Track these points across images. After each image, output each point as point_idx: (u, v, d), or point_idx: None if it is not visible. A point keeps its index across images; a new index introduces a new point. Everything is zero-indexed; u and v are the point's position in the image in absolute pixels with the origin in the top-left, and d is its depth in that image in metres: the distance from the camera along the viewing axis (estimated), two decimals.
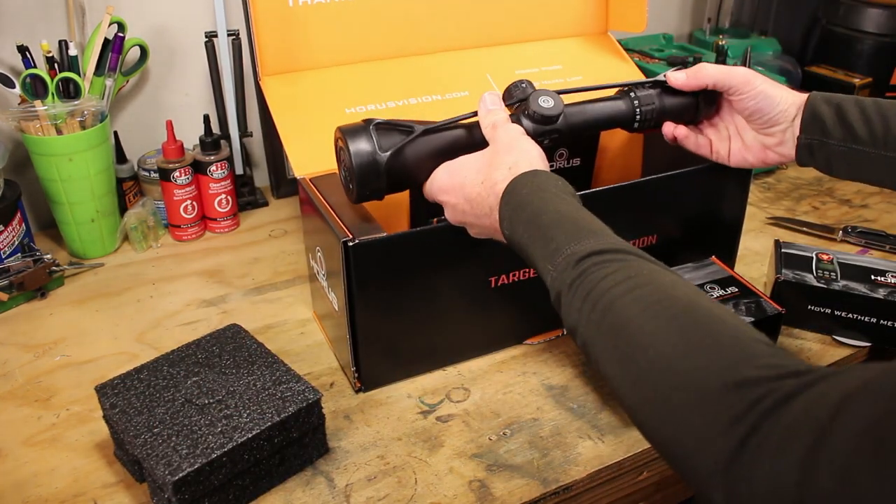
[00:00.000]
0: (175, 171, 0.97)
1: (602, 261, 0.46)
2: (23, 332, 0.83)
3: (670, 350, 0.40)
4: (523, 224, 0.53)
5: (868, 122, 0.63)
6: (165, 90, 1.07)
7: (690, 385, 0.38)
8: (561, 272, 0.48)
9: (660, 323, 0.41)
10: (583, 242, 0.48)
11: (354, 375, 0.72)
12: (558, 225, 0.50)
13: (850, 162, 0.65)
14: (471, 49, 0.93)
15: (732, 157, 0.73)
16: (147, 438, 0.58)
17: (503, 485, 0.63)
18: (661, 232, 0.81)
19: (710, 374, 0.37)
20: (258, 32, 0.81)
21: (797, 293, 0.79)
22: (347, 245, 0.64)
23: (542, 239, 0.51)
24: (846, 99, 0.65)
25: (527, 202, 0.53)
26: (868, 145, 0.63)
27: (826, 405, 0.32)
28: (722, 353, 0.38)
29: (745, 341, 0.39)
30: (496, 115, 0.63)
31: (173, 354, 0.67)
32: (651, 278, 0.44)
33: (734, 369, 0.37)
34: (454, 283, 0.71)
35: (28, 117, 0.88)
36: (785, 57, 1.29)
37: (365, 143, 0.62)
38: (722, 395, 0.36)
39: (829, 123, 0.65)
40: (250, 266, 0.95)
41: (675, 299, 0.42)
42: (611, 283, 0.44)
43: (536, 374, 0.75)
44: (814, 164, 0.68)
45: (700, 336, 0.39)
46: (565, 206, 0.52)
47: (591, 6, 0.98)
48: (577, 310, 0.46)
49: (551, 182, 0.55)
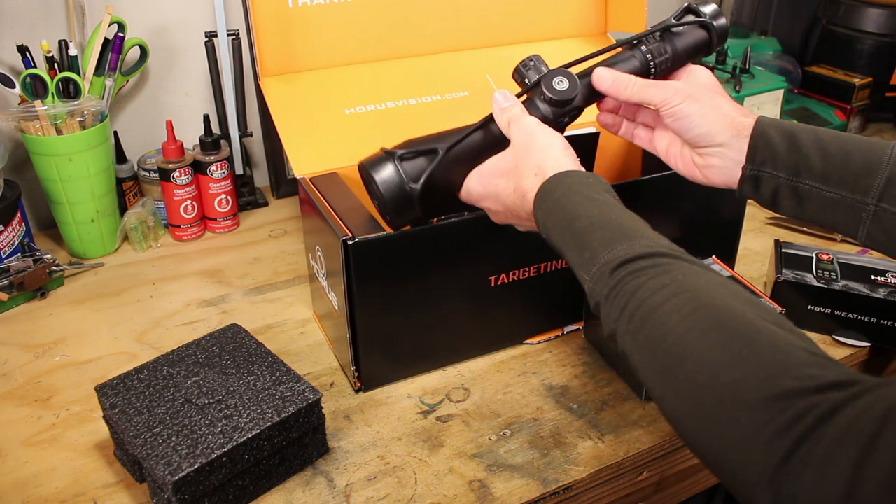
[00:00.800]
0: (175, 171, 0.97)
1: (636, 269, 0.45)
2: (23, 332, 0.83)
3: (709, 363, 0.39)
4: (558, 228, 0.52)
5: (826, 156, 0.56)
6: (165, 90, 1.07)
7: (731, 398, 0.37)
8: (596, 283, 0.48)
9: (697, 334, 0.40)
10: (616, 249, 0.47)
11: (354, 375, 0.72)
12: (591, 231, 0.50)
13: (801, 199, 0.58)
14: (470, 50, 0.93)
15: (669, 158, 0.66)
16: (147, 438, 0.58)
17: (503, 485, 0.63)
18: (661, 232, 0.80)
19: (751, 387, 0.37)
20: (258, 33, 0.81)
21: (797, 293, 0.79)
22: (347, 244, 0.64)
23: (577, 247, 0.50)
24: (801, 129, 0.58)
25: (559, 207, 0.52)
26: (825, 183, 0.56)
27: (871, 419, 0.32)
28: (762, 365, 0.37)
29: (784, 350, 0.38)
30: (510, 111, 0.61)
31: (173, 354, 0.67)
32: (686, 284, 0.43)
33: (775, 381, 0.36)
34: (454, 282, 0.71)
35: (28, 117, 0.88)
36: (785, 57, 1.29)
37: (392, 174, 0.61)
38: (764, 409, 0.36)
39: (780, 153, 0.57)
40: (250, 266, 0.95)
41: (712, 308, 0.41)
42: (646, 293, 0.44)
43: (536, 374, 0.75)
44: (758, 200, 0.60)
45: (739, 346, 0.39)
46: (597, 208, 0.51)
47: (591, 7, 0.98)
48: (615, 320, 0.45)
49: (582, 182, 0.53)
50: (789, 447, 0.34)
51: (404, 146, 0.63)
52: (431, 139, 0.63)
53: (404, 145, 0.63)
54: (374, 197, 0.65)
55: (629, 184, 0.75)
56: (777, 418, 0.35)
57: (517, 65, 0.64)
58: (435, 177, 0.62)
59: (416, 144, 0.63)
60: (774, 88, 1.13)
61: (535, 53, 0.64)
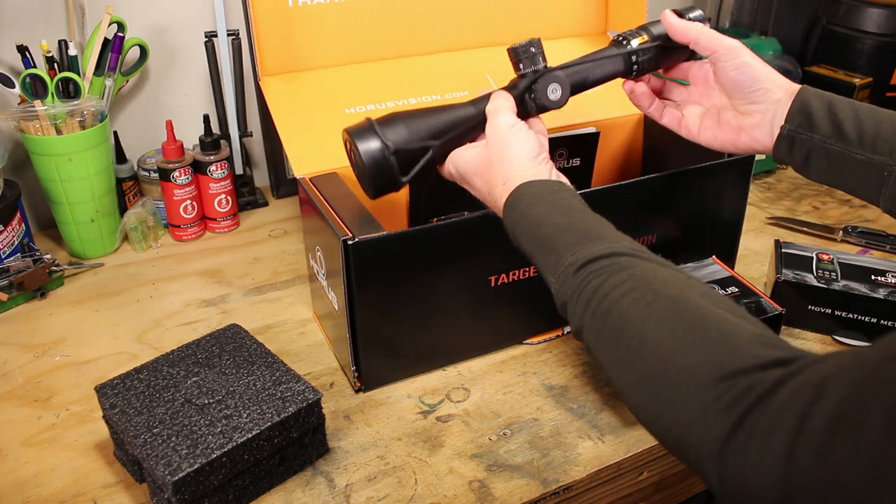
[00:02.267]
0: (175, 171, 0.97)
1: (598, 268, 0.48)
2: (23, 332, 0.83)
3: (664, 350, 0.42)
4: (525, 238, 0.55)
5: (859, 121, 0.60)
6: (165, 90, 1.07)
7: (684, 382, 0.40)
8: (562, 283, 0.50)
9: (653, 324, 0.44)
10: (579, 251, 0.50)
11: (354, 375, 0.72)
12: (556, 237, 0.52)
13: (832, 162, 0.61)
14: (470, 49, 0.93)
15: (702, 133, 0.69)
16: (147, 438, 0.58)
17: (503, 485, 0.63)
18: (661, 232, 0.81)
19: (701, 371, 0.40)
20: (258, 32, 0.81)
21: (797, 293, 0.79)
22: (347, 244, 0.64)
23: (544, 252, 0.53)
24: (838, 98, 0.62)
25: (525, 217, 0.55)
26: (855, 146, 0.59)
27: (807, 391, 0.34)
28: (711, 349, 0.40)
29: (733, 334, 0.41)
30: (496, 100, 0.63)
31: (173, 354, 0.67)
32: (644, 279, 0.46)
33: (723, 363, 0.39)
34: (454, 282, 0.71)
35: (28, 117, 0.88)
36: (785, 57, 1.29)
37: (384, 164, 0.62)
38: (712, 389, 0.38)
39: (817, 117, 0.61)
40: (250, 266, 0.95)
41: (668, 299, 0.44)
42: (607, 289, 0.47)
43: (536, 374, 0.75)
44: (790, 160, 0.64)
45: (691, 334, 0.42)
46: (562, 215, 0.54)
47: (591, 6, 0.98)
48: (580, 317, 0.48)
49: (547, 190, 0.56)
50: (734, 422, 0.36)
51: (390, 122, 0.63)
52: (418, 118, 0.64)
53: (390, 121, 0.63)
54: (355, 166, 0.66)
55: (629, 183, 0.75)
56: (723, 397, 0.38)
57: (516, 45, 0.64)
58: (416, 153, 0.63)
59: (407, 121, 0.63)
60: None
61: (536, 38, 0.65)
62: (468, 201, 0.67)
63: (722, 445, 0.37)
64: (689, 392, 0.40)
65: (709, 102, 0.69)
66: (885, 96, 1.26)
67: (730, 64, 0.64)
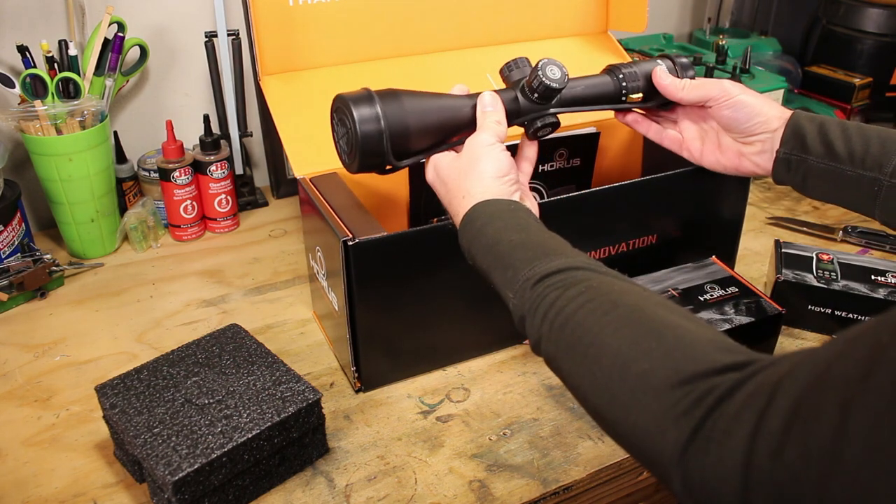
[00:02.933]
0: (175, 171, 0.97)
1: (555, 282, 0.49)
2: (23, 332, 0.83)
3: (621, 357, 0.43)
4: (482, 254, 0.56)
5: (848, 140, 0.63)
6: (165, 90, 1.07)
7: (642, 388, 0.41)
8: (520, 297, 0.51)
9: (610, 332, 0.44)
10: (536, 267, 0.51)
11: (354, 375, 0.72)
12: (512, 253, 0.53)
13: (827, 180, 0.64)
14: (471, 49, 0.93)
15: (705, 157, 0.72)
16: (147, 438, 0.58)
17: (503, 485, 0.63)
18: (661, 232, 0.81)
19: (658, 376, 0.40)
20: (258, 32, 0.81)
21: (797, 293, 0.79)
22: (347, 245, 0.64)
23: (501, 268, 0.53)
24: (828, 119, 0.65)
25: (481, 234, 0.56)
26: (846, 164, 0.62)
27: (763, 393, 0.34)
28: (667, 355, 0.41)
29: (689, 341, 0.41)
30: (485, 118, 0.63)
31: (173, 354, 0.67)
32: (600, 291, 0.47)
33: (679, 368, 0.40)
34: (454, 282, 0.71)
35: (28, 117, 0.88)
36: (785, 57, 1.29)
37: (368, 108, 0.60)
38: (670, 394, 0.39)
39: (809, 139, 0.64)
40: (250, 266, 0.95)
41: (623, 308, 0.45)
42: (564, 301, 0.47)
43: (536, 374, 0.75)
44: (789, 181, 0.67)
45: (647, 341, 0.42)
46: (517, 233, 0.54)
47: (592, 6, 0.98)
48: (538, 329, 0.49)
49: (502, 210, 0.57)
50: (694, 426, 0.37)
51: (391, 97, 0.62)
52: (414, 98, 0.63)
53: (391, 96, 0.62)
54: (342, 136, 0.64)
55: (629, 184, 0.75)
56: (682, 401, 0.38)
57: (504, 64, 0.67)
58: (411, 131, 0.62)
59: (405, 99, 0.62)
60: (774, 88, 1.13)
61: (523, 56, 0.67)
62: None
63: (683, 449, 0.37)
64: (648, 397, 0.40)
65: (707, 126, 0.72)
66: (885, 96, 1.26)
67: (724, 104, 0.68)
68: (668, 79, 0.70)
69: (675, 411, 0.38)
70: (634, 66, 0.72)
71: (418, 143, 0.63)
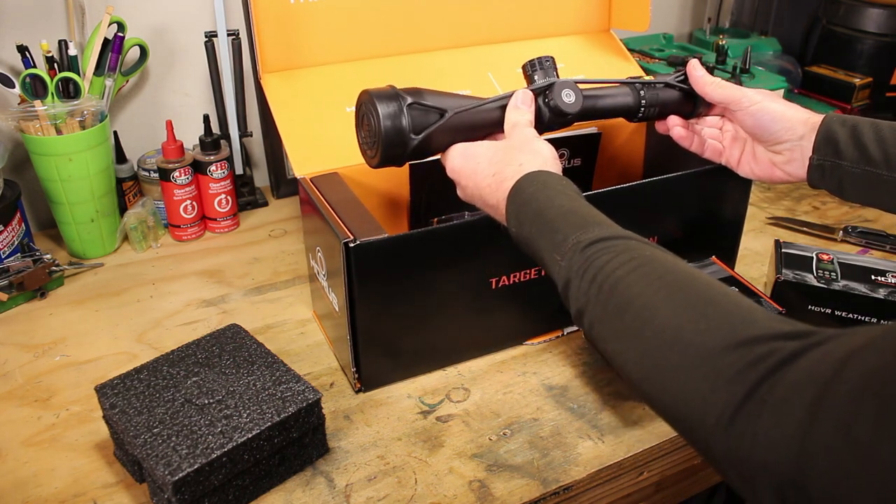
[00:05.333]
0: (175, 171, 0.96)
1: (606, 246, 0.48)
2: (23, 332, 0.83)
3: (674, 320, 0.41)
4: (530, 219, 0.55)
5: (883, 143, 0.62)
6: (165, 90, 1.07)
7: (695, 350, 0.39)
8: (569, 260, 0.50)
9: (662, 295, 0.43)
10: (588, 232, 0.50)
11: (354, 375, 0.72)
12: (563, 218, 0.52)
13: (864, 185, 0.64)
14: (472, 47, 0.93)
15: (741, 166, 0.73)
16: (147, 438, 0.58)
17: (503, 485, 0.63)
18: (661, 233, 0.81)
19: (713, 337, 0.39)
20: (259, 29, 0.81)
21: (797, 293, 0.79)
22: (348, 245, 0.64)
23: (550, 232, 0.53)
24: (862, 121, 0.64)
25: (533, 199, 0.55)
26: (882, 168, 0.62)
27: (830, 362, 0.33)
28: (724, 318, 0.39)
29: (746, 307, 0.40)
30: (521, 115, 0.64)
31: (173, 354, 0.67)
32: (653, 257, 0.46)
33: (736, 331, 0.38)
34: (455, 284, 0.71)
35: (28, 117, 0.88)
36: (785, 57, 1.29)
37: (397, 120, 0.62)
38: (724, 354, 0.37)
39: (842, 144, 0.63)
40: (250, 266, 0.95)
41: (677, 273, 0.44)
42: (616, 264, 0.46)
43: (536, 374, 0.75)
44: (826, 186, 0.66)
45: (703, 304, 0.41)
46: (569, 201, 0.54)
47: (594, 4, 0.98)
48: (585, 293, 0.48)
49: (555, 180, 0.57)
50: (749, 388, 0.35)
51: (414, 94, 0.64)
52: (440, 96, 0.65)
53: (415, 93, 0.64)
54: (365, 128, 0.66)
55: (630, 185, 0.75)
56: (737, 363, 0.36)
57: (532, 59, 0.68)
58: (434, 136, 0.64)
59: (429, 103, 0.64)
60: (774, 88, 1.13)
61: (550, 55, 0.68)
62: None
63: (732, 413, 0.35)
64: (700, 359, 0.38)
65: (742, 134, 0.72)
66: (885, 96, 1.26)
67: (746, 111, 0.68)
68: (700, 70, 0.71)
69: (729, 372, 0.36)
70: (658, 89, 0.73)
71: (439, 140, 0.64)
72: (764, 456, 0.34)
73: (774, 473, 0.33)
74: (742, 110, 0.68)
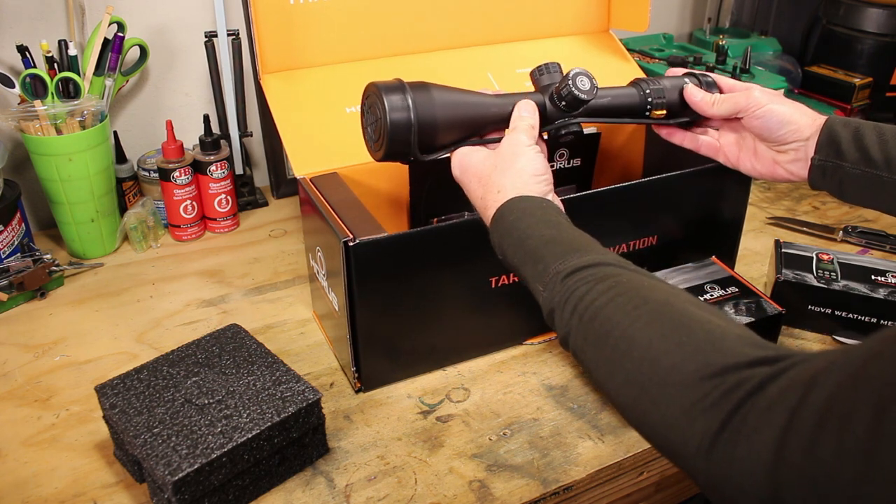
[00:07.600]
0: (175, 171, 0.97)
1: (585, 276, 0.50)
2: (23, 332, 0.83)
3: (651, 350, 0.43)
4: (512, 249, 0.56)
5: (885, 146, 0.62)
6: (165, 90, 1.07)
7: (671, 380, 0.41)
8: (550, 290, 0.52)
9: (640, 326, 0.44)
10: (567, 261, 0.51)
11: (354, 375, 0.72)
12: (544, 247, 0.54)
13: (864, 186, 0.64)
14: (472, 47, 0.93)
15: (741, 163, 0.73)
16: (147, 438, 0.58)
17: (503, 485, 0.63)
18: (661, 232, 0.81)
19: (688, 369, 0.40)
20: (259, 29, 0.81)
21: (797, 293, 0.79)
22: (348, 245, 0.64)
23: (531, 262, 0.54)
24: (864, 123, 0.64)
25: (513, 228, 0.57)
26: (883, 169, 0.62)
27: (796, 388, 0.34)
28: (697, 348, 0.41)
29: (718, 335, 0.42)
30: (521, 122, 0.64)
31: (173, 354, 0.67)
32: (630, 286, 0.48)
33: (709, 361, 0.40)
34: (455, 284, 0.71)
35: (28, 117, 0.88)
36: (785, 57, 1.29)
37: (404, 114, 0.62)
38: (699, 386, 0.39)
39: (844, 145, 0.64)
40: (250, 266, 0.95)
41: (654, 303, 0.46)
42: (595, 294, 0.48)
43: (536, 374, 0.75)
44: (826, 187, 0.67)
45: (677, 335, 0.43)
46: (548, 229, 0.55)
47: (593, 5, 0.98)
48: (567, 323, 0.49)
49: (535, 206, 0.58)
50: (723, 418, 0.37)
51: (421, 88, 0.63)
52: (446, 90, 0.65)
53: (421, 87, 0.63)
54: (372, 122, 0.65)
55: (630, 185, 0.75)
56: (711, 393, 0.38)
57: (539, 65, 0.68)
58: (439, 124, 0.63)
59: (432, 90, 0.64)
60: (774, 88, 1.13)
61: (556, 62, 0.68)
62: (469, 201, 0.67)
63: (710, 442, 0.37)
64: (676, 389, 0.40)
65: (745, 132, 0.72)
66: (885, 96, 1.26)
67: (754, 115, 0.68)
68: (699, 94, 0.71)
69: (705, 403, 0.38)
70: (660, 82, 0.72)
71: (444, 136, 0.64)
72: (741, 480, 0.35)
73: (753, 496, 0.35)
74: (749, 115, 0.68)
